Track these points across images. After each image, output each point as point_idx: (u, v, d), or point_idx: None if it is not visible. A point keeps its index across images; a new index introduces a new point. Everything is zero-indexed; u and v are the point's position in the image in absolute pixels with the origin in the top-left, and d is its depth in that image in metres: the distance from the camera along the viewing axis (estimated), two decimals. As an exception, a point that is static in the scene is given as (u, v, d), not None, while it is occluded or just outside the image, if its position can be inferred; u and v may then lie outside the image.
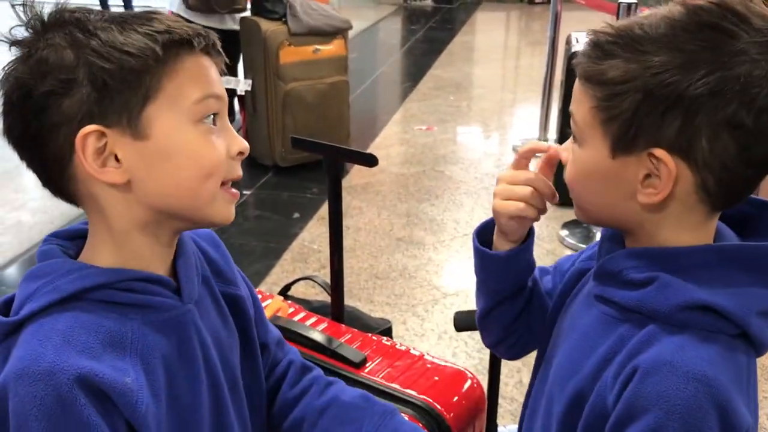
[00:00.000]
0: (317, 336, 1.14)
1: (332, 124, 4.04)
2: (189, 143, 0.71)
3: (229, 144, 0.74)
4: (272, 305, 1.22)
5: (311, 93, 3.89)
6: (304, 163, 3.95)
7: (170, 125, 0.70)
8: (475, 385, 1.09)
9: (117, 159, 0.69)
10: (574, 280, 0.88)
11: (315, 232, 3.33)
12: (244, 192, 3.75)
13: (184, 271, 0.77)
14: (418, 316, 2.69)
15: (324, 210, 3.56)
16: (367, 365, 1.10)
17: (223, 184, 0.74)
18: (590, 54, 0.71)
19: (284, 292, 1.54)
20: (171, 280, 0.75)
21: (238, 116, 4.24)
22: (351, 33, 4.12)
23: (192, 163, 0.71)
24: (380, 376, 1.07)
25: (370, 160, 1.16)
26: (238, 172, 0.75)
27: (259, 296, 1.34)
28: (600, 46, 0.71)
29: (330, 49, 3.91)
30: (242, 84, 3.93)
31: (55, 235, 0.76)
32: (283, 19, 3.75)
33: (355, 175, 4.07)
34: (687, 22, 0.68)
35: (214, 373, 0.78)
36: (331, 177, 1.20)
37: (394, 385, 1.06)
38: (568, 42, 3.59)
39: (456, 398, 1.06)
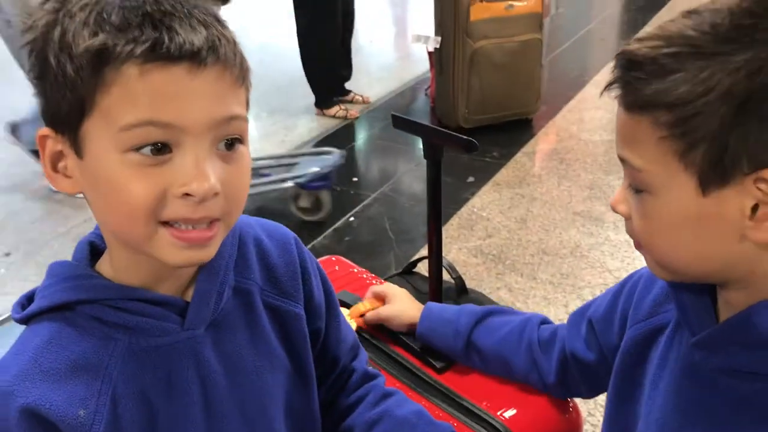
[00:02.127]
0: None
1: (521, 84, 3.85)
2: (111, 174, 0.59)
3: (173, 181, 0.59)
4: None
5: (500, 52, 3.71)
6: (487, 125, 3.82)
7: (101, 148, 0.59)
8: (573, 414, 0.95)
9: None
10: (641, 346, 0.76)
11: (487, 199, 3.21)
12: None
13: (200, 290, 0.68)
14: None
15: (501, 175, 3.43)
16: (452, 371, 1.00)
17: (170, 223, 0.60)
18: (640, 76, 0.57)
19: (409, 269, 1.47)
20: (179, 299, 0.68)
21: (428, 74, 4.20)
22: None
23: (112, 197, 0.60)
24: (461, 385, 0.98)
25: (469, 146, 1.04)
26: (183, 213, 0.60)
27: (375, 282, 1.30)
28: (651, 63, 0.57)
29: (524, 5, 3.70)
30: (431, 41, 3.85)
31: None
32: (477, -26, 3.60)
33: (541, 139, 3.87)
34: (756, 9, 0.53)
35: (214, 407, 0.70)
36: (430, 159, 1.10)
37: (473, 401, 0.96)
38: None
39: (544, 429, 0.93)
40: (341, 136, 4.12)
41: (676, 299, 0.70)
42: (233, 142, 0.62)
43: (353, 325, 1.10)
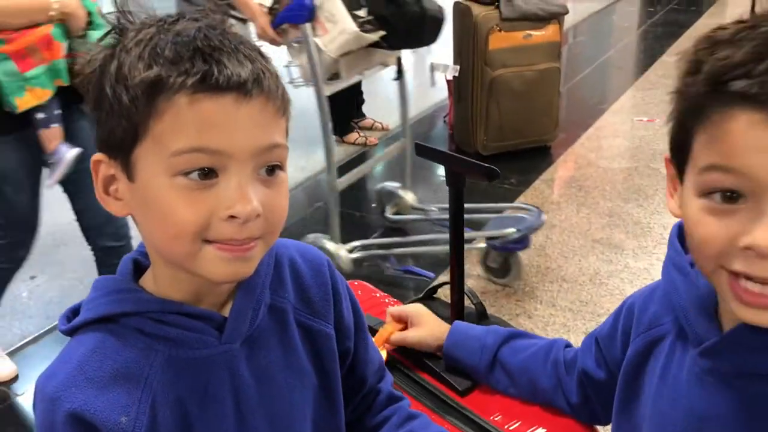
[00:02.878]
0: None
1: (539, 112, 3.88)
2: (160, 197, 0.63)
3: (218, 204, 0.63)
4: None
5: (519, 80, 3.76)
6: (505, 152, 3.85)
7: (152, 172, 0.63)
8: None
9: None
10: (640, 359, 0.79)
11: (506, 226, 3.22)
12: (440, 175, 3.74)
13: (238, 306, 0.71)
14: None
15: (520, 201, 3.44)
16: (474, 394, 1.02)
17: (215, 241, 0.64)
18: None
19: (430, 295, 1.48)
20: (217, 314, 0.71)
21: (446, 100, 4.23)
22: (581, 15, 3.91)
23: (160, 218, 0.64)
24: (484, 409, 0.99)
25: (491, 174, 1.07)
26: (228, 234, 0.63)
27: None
28: None
29: (542, 34, 3.75)
30: (450, 70, 3.90)
31: None
32: (496, 4, 3.65)
33: (559, 167, 3.89)
34: None
35: (246, 419, 0.73)
36: (452, 187, 1.12)
37: (495, 424, 0.97)
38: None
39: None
40: (360, 163, 4.16)
41: (681, 310, 0.71)
42: (274, 168, 0.66)
43: (382, 353, 1.11)
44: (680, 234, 0.71)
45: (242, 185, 0.63)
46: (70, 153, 2.01)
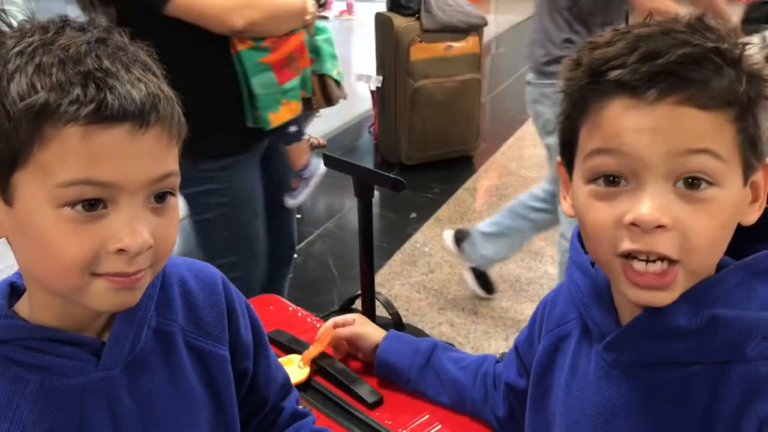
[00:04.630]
0: (336, 367, 1.08)
1: (461, 122, 3.94)
2: (44, 229, 0.58)
3: (107, 237, 0.59)
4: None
5: (441, 91, 3.81)
6: (429, 162, 3.90)
7: (34, 200, 0.58)
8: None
9: None
10: (549, 356, 0.80)
11: (429, 234, 3.25)
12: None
13: (117, 331, 0.67)
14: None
15: (442, 211, 3.48)
16: (383, 406, 1.02)
17: (104, 275, 0.60)
18: (706, 73, 0.60)
19: (348, 306, 1.48)
20: (95, 339, 0.67)
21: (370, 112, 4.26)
22: (503, 27, 4.00)
23: (43, 251, 0.59)
24: (391, 422, 0.99)
25: (397, 185, 1.08)
26: (117, 267, 0.60)
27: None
28: (708, 61, 0.60)
29: (463, 46, 3.81)
30: (374, 80, 3.93)
31: None
32: (417, 15, 3.70)
33: (481, 176, 3.96)
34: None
35: None
36: (361, 198, 1.13)
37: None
38: None
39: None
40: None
41: (584, 307, 0.73)
42: (164, 195, 0.63)
43: (304, 373, 1.10)
44: (580, 237, 0.73)
45: (132, 217, 0.60)
46: (321, 168, 1.83)
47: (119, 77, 0.58)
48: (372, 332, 1.11)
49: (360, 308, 1.55)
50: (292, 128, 1.74)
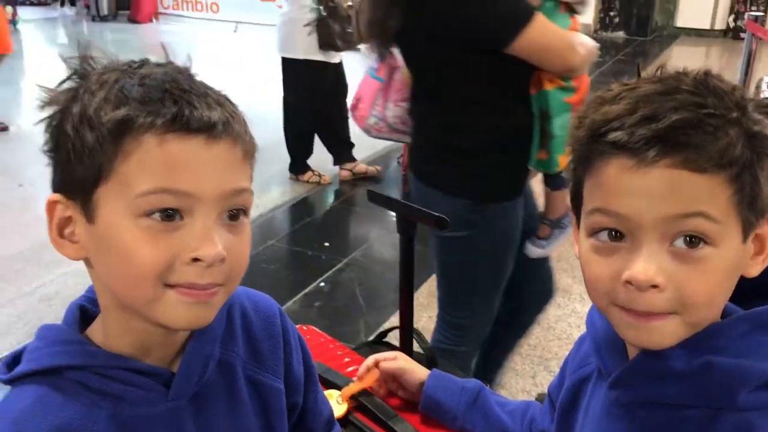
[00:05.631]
0: (375, 403, 1.08)
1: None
2: (123, 238, 0.61)
3: (183, 247, 0.61)
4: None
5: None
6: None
7: (114, 213, 0.61)
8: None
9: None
10: (572, 396, 0.81)
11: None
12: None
13: (187, 362, 0.69)
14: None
15: (471, 245, 3.47)
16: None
17: (177, 285, 0.62)
18: (701, 137, 0.61)
19: (379, 339, 1.48)
20: (165, 370, 0.68)
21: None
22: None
23: (122, 260, 0.62)
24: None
25: (440, 223, 1.08)
26: (191, 278, 0.62)
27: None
28: (702, 125, 0.61)
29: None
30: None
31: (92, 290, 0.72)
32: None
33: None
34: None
35: None
36: (403, 234, 1.13)
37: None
38: (758, 87, 3.23)
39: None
40: (314, 201, 4.17)
41: (595, 345, 0.75)
42: (238, 213, 0.65)
43: (343, 408, 1.10)
44: None
45: (208, 228, 0.62)
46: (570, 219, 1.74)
47: (195, 96, 0.62)
48: (416, 369, 1.11)
49: (392, 341, 1.55)
50: (564, 173, 1.67)
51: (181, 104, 0.60)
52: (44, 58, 8.90)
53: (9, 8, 9.49)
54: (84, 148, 0.61)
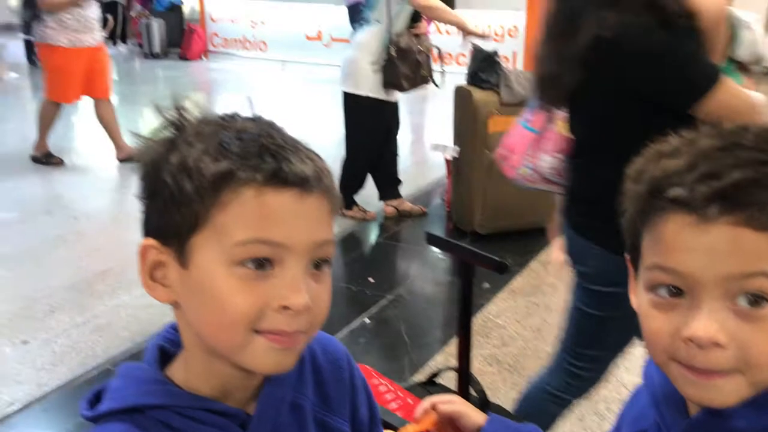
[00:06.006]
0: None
1: (536, 195, 3.91)
2: (218, 285, 0.64)
3: (274, 295, 0.64)
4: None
5: (517, 163, 3.83)
6: (502, 232, 3.89)
7: (209, 260, 0.64)
8: None
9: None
10: None
11: (502, 306, 3.23)
12: (440, 255, 3.78)
13: (263, 405, 0.71)
14: (599, 414, 2.48)
15: (516, 283, 3.46)
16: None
17: (266, 331, 0.65)
18: (764, 196, 0.60)
19: (432, 380, 1.49)
20: (242, 412, 0.71)
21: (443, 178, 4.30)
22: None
23: (215, 307, 0.64)
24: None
25: (501, 267, 1.09)
26: (280, 325, 0.64)
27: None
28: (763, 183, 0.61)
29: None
30: (450, 150, 3.99)
31: (173, 327, 0.75)
32: (496, 89, 3.77)
33: (556, 248, 3.91)
34: None
35: None
36: (462, 279, 1.14)
37: None
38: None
39: None
40: (359, 237, 4.20)
41: (653, 400, 0.73)
42: (322, 263, 0.68)
43: None
44: None
45: (297, 278, 0.65)
46: None
47: (290, 152, 0.65)
48: (473, 413, 1.10)
49: (443, 382, 1.56)
50: None
51: (279, 159, 0.64)
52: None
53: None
54: (182, 197, 0.64)
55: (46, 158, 5.38)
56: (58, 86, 5.13)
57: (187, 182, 0.64)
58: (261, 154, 0.64)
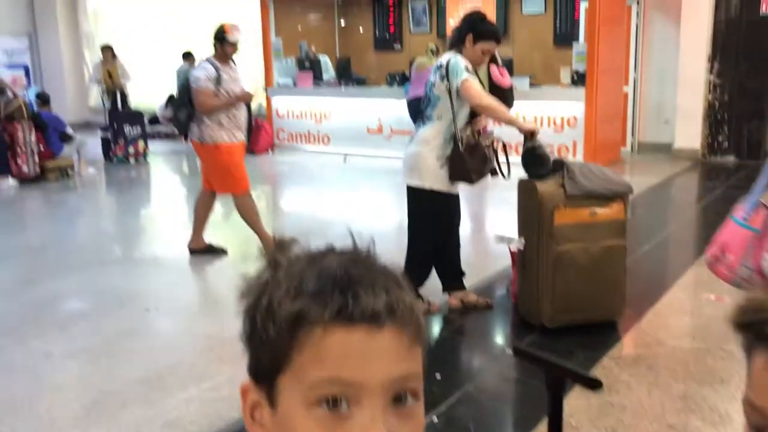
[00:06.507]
0: None
1: (605, 288, 3.86)
2: (298, 427, 0.64)
3: None
4: None
5: (584, 256, 3.78)
6: (571, 326, 3.81)
7: (291, 402, 0.64)
8: None
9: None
10: None
11: (575, 405, 3.11)
12: (507, 350, 3.70)
13: None
14: None
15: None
16: None
17: None
18: None
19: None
20: None
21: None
22: (641, 187, 3.98)
23: None
24: None
25: (593, 385, 1.07)
26: None
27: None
28: None
29: (607, 212, 3.81)
30: (515, 243, 3.98)
31: None
32: (561, 182, 3.77)
33: (627, 344, 3.80)
34: None
35: None
36: (551, 393, 1.12)
37: None
38: None
39: None
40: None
41: None
42: (405, 398, 0.65)
43: None
44: None
45: (376, 419, 0.63)
46: None
47: (363, 285, 0.64)
48: None
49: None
50: None
51: (346, 296, 0.63)
52: (169, 187, 9.61)
53: (141, 143, 10.48)
54: (268, 339, 0.65)
55: (208, 250, 5.54)
56: (230, 178, 5.38)
57: (270, 325, 0.65)
58: (331, 291, 0.63)
